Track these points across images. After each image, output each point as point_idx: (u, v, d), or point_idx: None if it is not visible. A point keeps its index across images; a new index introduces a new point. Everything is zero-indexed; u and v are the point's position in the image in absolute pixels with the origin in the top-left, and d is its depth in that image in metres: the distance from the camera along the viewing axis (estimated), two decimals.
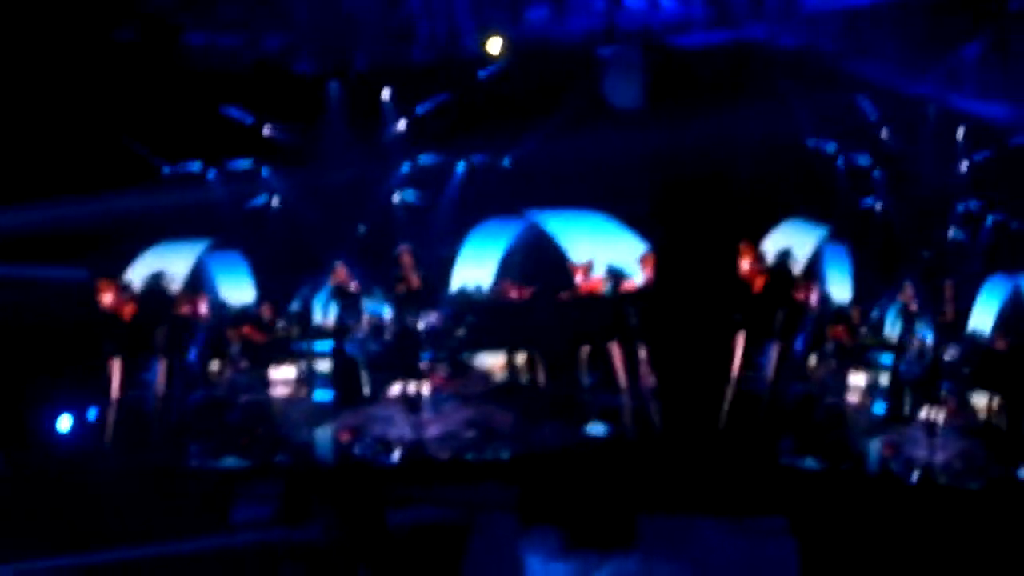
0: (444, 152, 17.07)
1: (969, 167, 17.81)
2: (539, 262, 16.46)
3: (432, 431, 15.19)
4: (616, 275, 15.80)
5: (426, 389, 15.63)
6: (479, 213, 16.81)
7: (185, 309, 15.94)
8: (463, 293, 16.60)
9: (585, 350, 15.59)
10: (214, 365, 15.96)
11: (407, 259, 16.04)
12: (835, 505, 14.79)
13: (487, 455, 14.99)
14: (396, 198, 17.17)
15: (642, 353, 15.46)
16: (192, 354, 15.82)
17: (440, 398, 15.58)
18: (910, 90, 17.35)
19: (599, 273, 15.82)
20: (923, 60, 17.13)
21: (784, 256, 16.25)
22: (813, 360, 16.08)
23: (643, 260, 15.96)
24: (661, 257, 15.89)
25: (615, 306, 15.69)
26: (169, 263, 16.28)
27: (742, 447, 15.14)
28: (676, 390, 15.50)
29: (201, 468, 14.79)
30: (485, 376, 16.10)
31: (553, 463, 14.73)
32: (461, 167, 17.07)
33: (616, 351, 15.47)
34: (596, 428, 15.22)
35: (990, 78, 17.39)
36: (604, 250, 16.09)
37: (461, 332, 16.12)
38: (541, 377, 15.92)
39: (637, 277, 15.86)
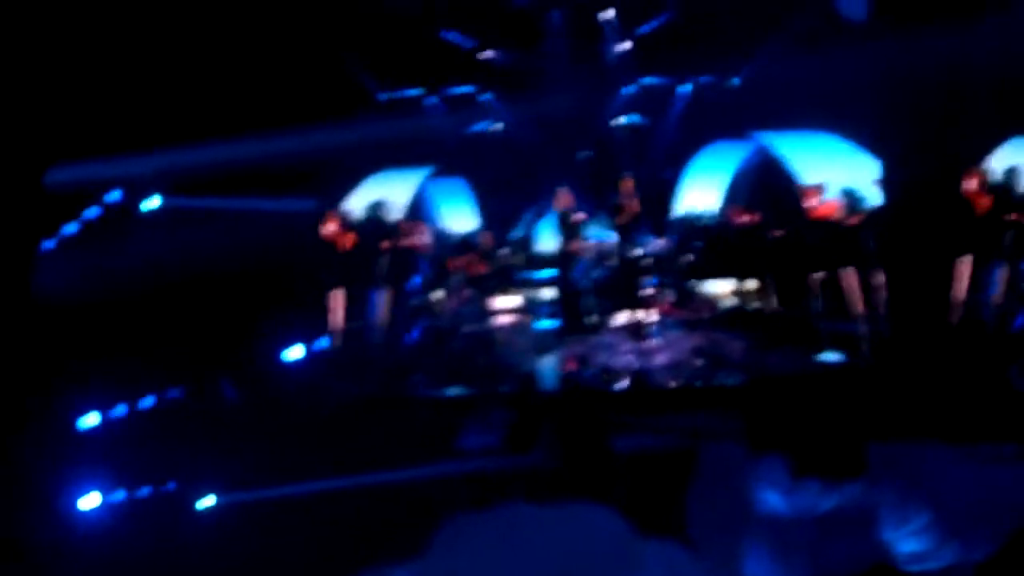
0: (669, 73, 16.80)
1: None
2: (768, 186, 16.16)
3: (659, 359, 14.96)
4: (849, 198, 15.35)
5: (652, 316, 15.44)
6: (705, 136, 16.55)
7: (406, 238, 15.90)
8: (689, 218, 16.40)
9: (816, 276, 15.20)
10: (437, 294, 15.97)
11: (628, 185, 15.76)
12: None
13: (715, 383, 14.74)
14: (620, 121, 16.98)
15: (875, 278, 15.03)
16: (415, 283, 15.82)
17: (666, 325, 15.38)
18: None
19: (831, 197, 15.39)
20: None
21: (1012, 175, 15.65)
22: None
23: (877, 182, 15.55)
24: (891, 179, 15.47)
25: (848, 231, 15.26)
26: (390, 192, 16.32)
27: (973, 372, 14.67)
28: (907, 315, 15.09)
29: (426, 397, 14.79)
30: (712, 302, 15.90)
31: (782, 391, 14.42)
32: (687, 88, 16.78)
33: (849, 277, 15.05)
34: (827, 355, 14.86)
35: None
36: (836, 172, 15.68)
37: (688, 258, 15.91)
38: (771, 303, 15.64)
39: (871, 200, 15.42)
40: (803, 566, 12.79)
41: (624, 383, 14.92)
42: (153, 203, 15.16)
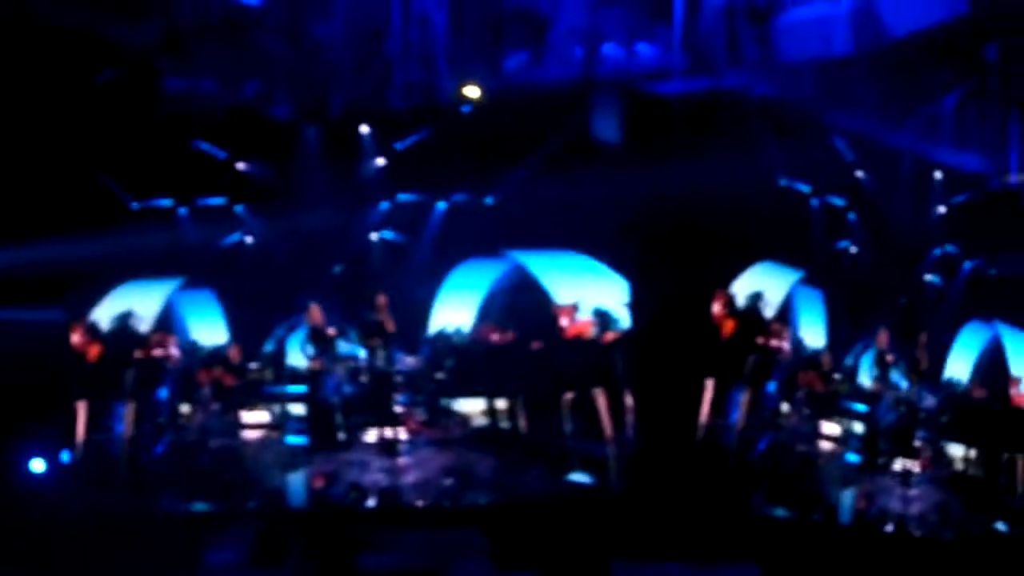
0: (424, 191, 16.87)
1: (946, 212, 17.80)
2: (522, 304, 16.26)
3: (408, 477, 14.99)
4: (602, 318, 15.59)
5: (402, 434, 15.40)
6: (459, 253, 16.61)
7: (155, 350, 15.64)
8: (442, 336, 16.40)
9: (568, 395, 15.36)
10: (184, 408, 15.68)
11: (382, 301, 15.74)
12: (808, 553, 14.63)
13: (464, 501, 14.80)
14: (374, 238, 16.98)
15: (625, 399, 15.26)
16: (161, 396, 15.52)
17: (417, 443, 15.35)
18: (886, 138, 17.34)
19: (585, 316, 15.63)
20: (900, 109, 17.13)
21: (756, 300, 16.13)
22: (784, 407, 15.95)
23: (627, 303, 15.84)
24: (641, 300, 15.76)
25: (600, 350, 15.50)
26: (139, 302, 16.04)
27: (715, 495, 15.00)
28: (653, 437, 15.33)
29: (172, 512, 14.52)
30: (464, 421, 15.89)
31: (530, 510, 14.56)
32: (442, 206, 16.87)
33: (599, 397, 15.26)
34: (577, 476, 15.05)
35: (966, 127, 17.42)
36: (589, 292, 15.91)
37: (440, 376, 15.92)
38: (522, 423, 15.72)
39: (622, 321, 15.68)
40: None
41: (373, 500, 14.90)
42: None
